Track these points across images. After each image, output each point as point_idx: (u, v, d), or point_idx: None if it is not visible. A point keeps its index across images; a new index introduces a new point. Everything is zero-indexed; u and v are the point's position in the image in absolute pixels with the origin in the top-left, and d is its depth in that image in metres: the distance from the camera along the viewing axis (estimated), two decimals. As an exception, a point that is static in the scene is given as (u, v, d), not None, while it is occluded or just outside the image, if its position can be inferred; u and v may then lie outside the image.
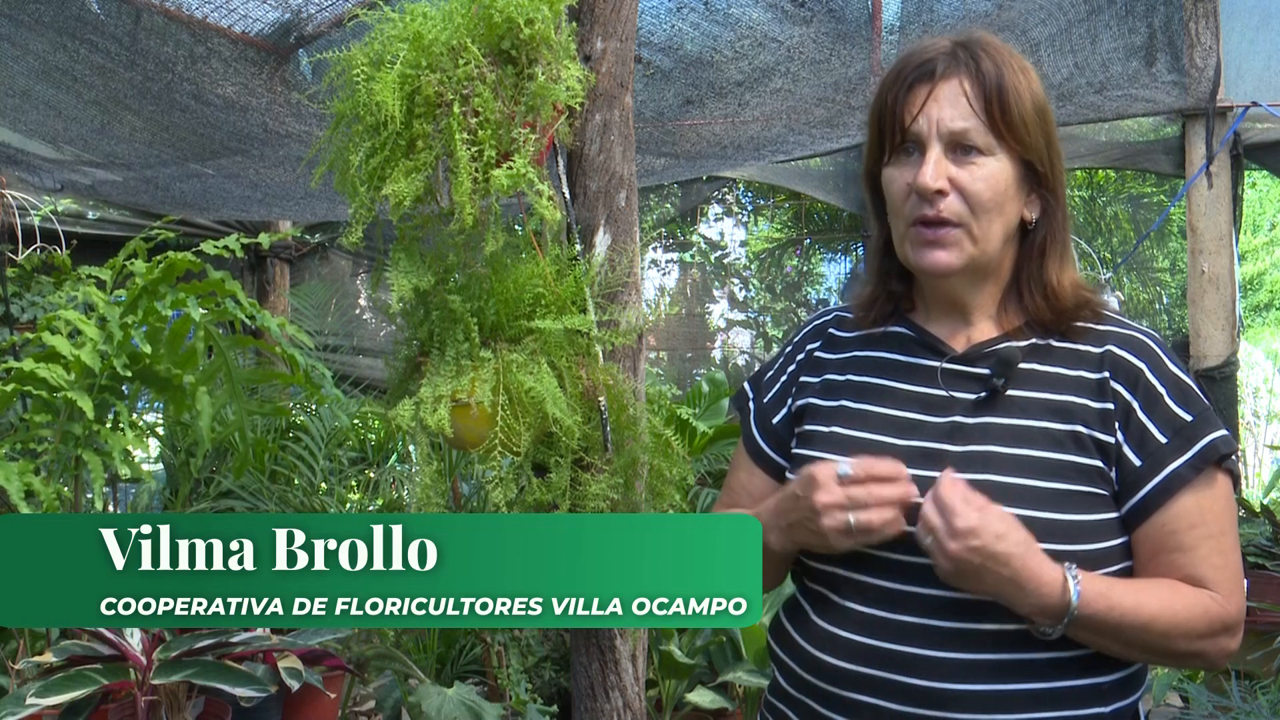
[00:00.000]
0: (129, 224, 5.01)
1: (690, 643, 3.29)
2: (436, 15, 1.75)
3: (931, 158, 1.17)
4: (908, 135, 1.19)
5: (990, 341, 1.24)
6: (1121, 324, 1.23)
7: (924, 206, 1.18)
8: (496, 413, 1.76)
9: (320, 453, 4.04)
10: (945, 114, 1.17)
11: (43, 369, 1.96)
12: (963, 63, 1.18)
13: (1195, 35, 3.83)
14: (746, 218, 8.54)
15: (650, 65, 3.61)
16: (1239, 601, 1.15)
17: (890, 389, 1.26)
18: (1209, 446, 1.14)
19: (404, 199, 1.70)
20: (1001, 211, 1.18)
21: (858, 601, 1.19)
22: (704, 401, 4.95)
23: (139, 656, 1.89)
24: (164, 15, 2.96)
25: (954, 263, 1.19)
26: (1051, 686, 1.13)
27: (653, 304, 7.95)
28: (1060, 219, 1.23)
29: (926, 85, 1.18)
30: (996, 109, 1.16)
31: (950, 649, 1.13)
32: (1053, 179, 1.21)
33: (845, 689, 1.18)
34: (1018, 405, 1.19)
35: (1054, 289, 1.21)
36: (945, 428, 1.20)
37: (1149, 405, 1.16)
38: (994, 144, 1.17)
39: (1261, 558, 3.49)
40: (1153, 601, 1.11)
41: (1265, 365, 7.05)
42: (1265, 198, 10.37)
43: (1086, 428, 1.16)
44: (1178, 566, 1.14)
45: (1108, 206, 6.90)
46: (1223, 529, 1.15)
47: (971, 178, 1.16)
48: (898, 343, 1.30)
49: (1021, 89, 1.17)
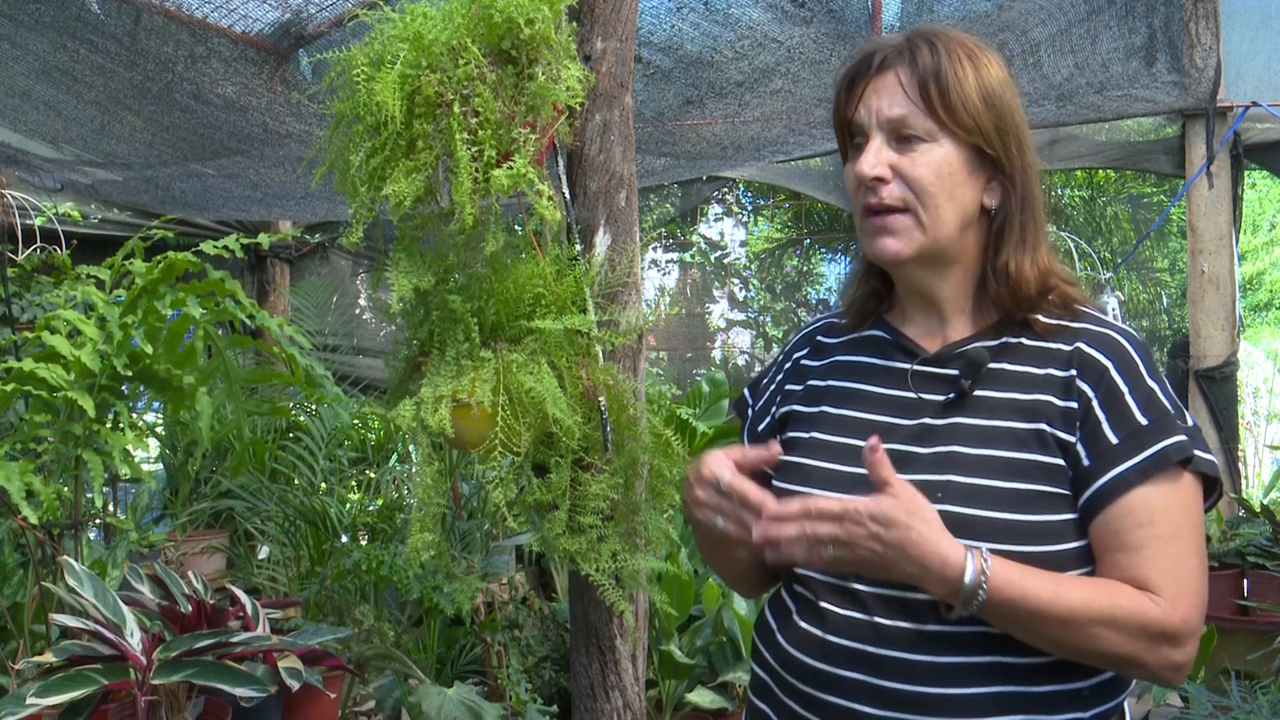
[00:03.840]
0: (129, 224, 5.01)
1: (690, 643, 3.29)
2: (436, 15, 1.75)
3: (871, 147, 1.20)
4: (853, 128, 1.23)
5: (963, 341, 1.24)
6: (1099, 322, 1.22)
7: (868, 195, 1.20)
8: (497, 413, 1.76)
9: (320, 453, 4.04)
10: (882, 103, 1.19)
11: (42, 369, 1.96)
12: (904, 52, 1.20)
13: (1195, 35, 3.83)
14: (746, 218, 8.54)
15: (650, 65, 3.61)
16: (1186, 611, 1.09)
17: (867, 393, 1.28)
18: (1161, 453, 1.11)
19: (404, 199, 1.70)
20: (951, 196, 1.19)
21: (834, 604, 1.20)
22: (704, 401, 4.95)
23: (139, 656, 1.89)
24: (164, 15, 2.96)
25: (903, 250, 1.20)
26: (1028, 691, 1.13)
27: (653, 304, 7.95)
28: (1021, 204, 1.22)
29: (865, 78, 1.21)
30: (935, 94, 1.17)
31: (924, 652, 1.13)
32: (1009, 163, 1.21)
33: (823, 691, 1.19)
34: (986, 405, 1.19)
35: (1014, 275, 1.20)
36: (915, 430, 1.21)
37: (1108, 404, 1.14)
38: (935, 130, 1.18)
39: (1261, 558, 3.49)
40: (1074, 596, 1.08)
41: (1265, 365, 7.04)
42: (1265, 198, 10.37)
43: (1050, 426, 1.15)
44: (1122, 567, 1.11)
45: (1108, 206, 6.90)
46: (1175, 533, 1.11)
47: (913, 163, 1.18)
48: (876, 346, 1.32)
49: (964, 75, 1.18)
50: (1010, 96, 1.21)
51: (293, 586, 3.61)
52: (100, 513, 3.08)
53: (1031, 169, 1.23)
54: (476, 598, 3.15)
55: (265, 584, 3.73)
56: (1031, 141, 1.24)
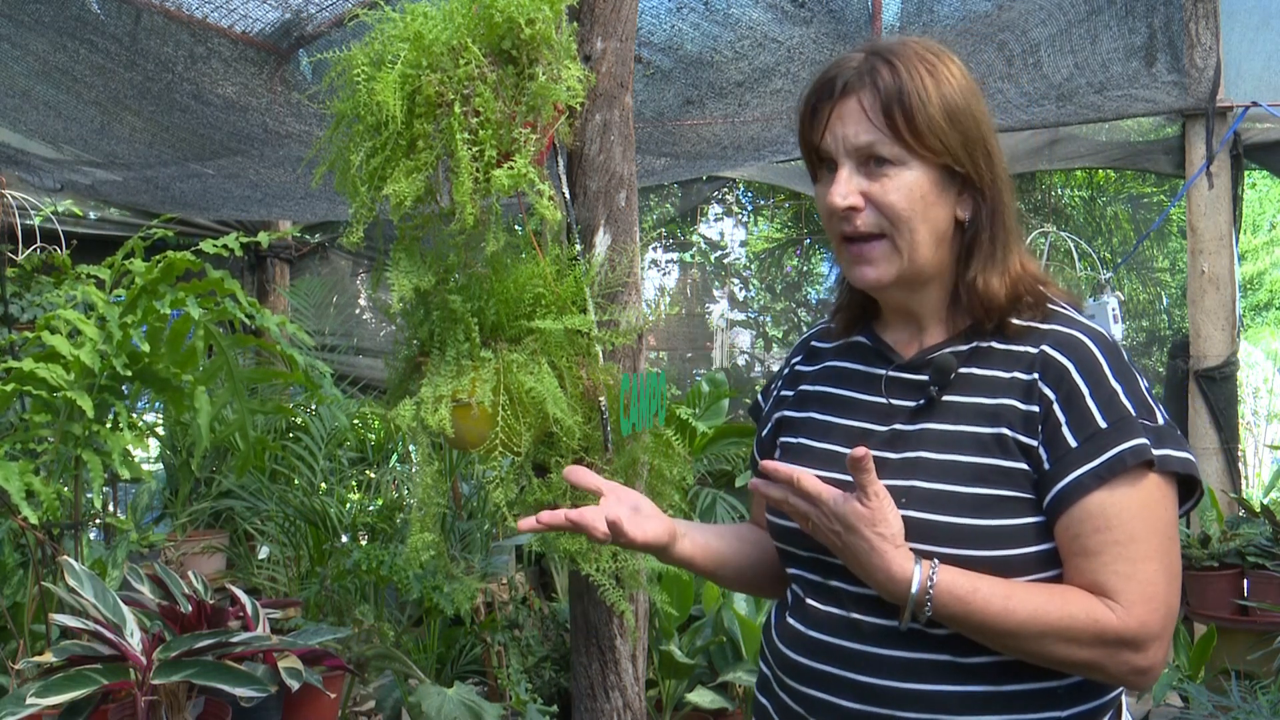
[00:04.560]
0: (129, 224, 5.01)
1: (690, 643, 3.29)
2: (437, 15, 1.75)
3: (841, 176, 1.19)
4: (821, 155, 1.22)
5: (936, 347, 1.25)
6: (1068, 322, 1.20)
7: (842, 224, 1.20)
8: (497, 413, 1.76)
9: (320, 453, 4.04)
10: (849, 130, 1.18)
11: (42, 369, 1.96)
12: (864, 75, 1.18)
13: (1195, 35, 3.83)
14: (746, 218, 8.53)
15: (650, 65, 3.61)
16: (1144, 615, 1.08)
17: (849, 399, 1.30)
18: (1116, 457, 1.10)
19: (404, 199, 1.70)
20: (925, 218, 1.18)
21: (819, 601, 1.23)
22: (704, 401, 4.95)
23: (139, 656, 1.89)
24: (164, 15, 2.96)
25: (883, 277, 1.21)
26: (1003, 689, 1.14)
27: (653, 304, 7.95)
28: (991, 217, 1.21)
29: (828, 104, 1.20)
30: (900, 119, 1.16)
31: (900, 648, 1.15)
32: (978, 178, 1.19)
33: (808, 685, 1.22)
34: (952, 411, 1.19)
35: (981, 290, 1.20)
36: (888, 435, 1.23)
37: (1067, 406, 1.14)
38: (903, 154, 1.17)
39: (1261, 558, 3.49)
40: (1024, 608, 1.08)
41: (1265, 365, 7.04)
42: (1265, 198, 10.37)
43: (1011, 430, 1.15)
44: (1082, 572, 1.11)
45: (1108, 206, 6.89)
46: (1133, 536, 1.09)
47: (884, 190, 1.17)
48: (860, 353, 1.33)
49: (928, 95, 1.16)
50: (975, 105, 1.19)
51: (293, 586, 3.61)
52: (100, 513, 3.08)
53: (1001, 179, 1.22)
54: (476, 598, 3.15)
55: (265, 584, 3.73)
56: (999, 148, 1.23)
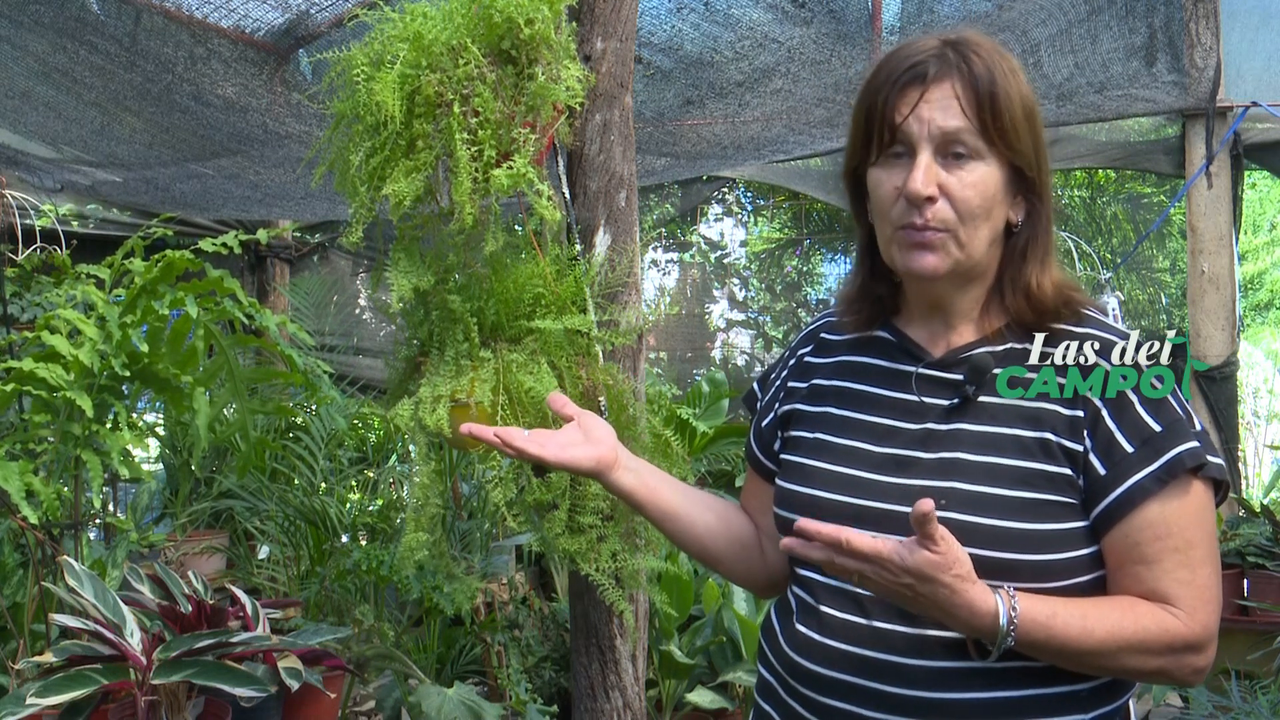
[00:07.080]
0: (129, 224, 5.01)
1: (690, 643, 3.29)
2: (436, 15, 1.75)
3: (922, 163, 1.15)
4: (898, 137, 1.17)
5: (967, 346, 1.23)
6: (1103, 327, 1.20)
7: (912, 214, 1.16)
8: (496, 413, 1.76)
9: (320, 453, 4.04)
10: (937, 116, 1.14)
11: (42, 369, 1.96)
12: (954, 64, 1.16)
13: (1195, 35, 3.83)
14: (746, 218, 8.53)
15: (650, 65, 3.61)
16: (1204, 619, 1.11)
17: (871, 395, 1.27)
18: (1175, 459, 1.11)
19: (404, 199, 1.70)
20: (989, 217, 1.17)
21: (834, 607, 1.20)
22: (704, 401, 4.96)
23: (139, 656, 1.89)
24: (164, 15, 2.96)
25: (940, 267, 1.18)
26: (1027, 694, 1.13)
27: (653, 304, 7.95)
28: (1045, 221, 1.21)
29: (918, 87, 1.16)
30: (988, 113, 1.14)
31: (924, 656, 1.13)
32: (1039, 182, 1.19)
33: (824, 694, 1.19)
34: (989, 412, 1.18)
35: (1035, 291, 1.20)
36: (919, 434, 1.20)
37: (1118, 413, 1.14)
38: (984, 148, 1.15)
39: (1261, 558, 3.49)
40: (1101, 627, 1.09)
41: (1265, 365, 7.04)
42: (1265, 198, 10.37)
43: (1055, 435, 1.14)
44: (1141, 580, 1.12)
45: (1108, 206, 6.90)
46: (1190, 542, 1.11)
47: (961, 184, 1.15)
48: (881, 348, 1.30)
49: (1012, 92, 1.15)
50: (1038, 110, 1.19)
51: (293, 586, 3.61)
52: (100, 513, 3.08)
53: (1050, 185, 1.22)
54: (476, 598, 3.15)
55: (265, 584, 3.73)
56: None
